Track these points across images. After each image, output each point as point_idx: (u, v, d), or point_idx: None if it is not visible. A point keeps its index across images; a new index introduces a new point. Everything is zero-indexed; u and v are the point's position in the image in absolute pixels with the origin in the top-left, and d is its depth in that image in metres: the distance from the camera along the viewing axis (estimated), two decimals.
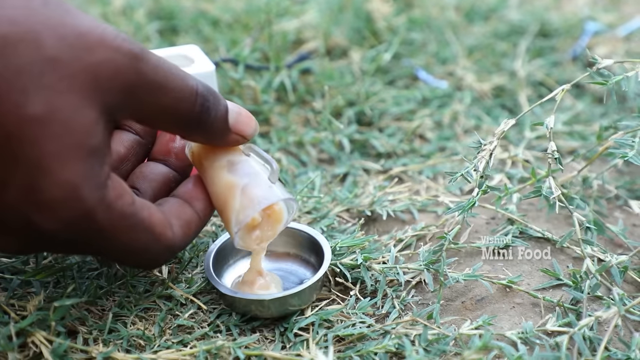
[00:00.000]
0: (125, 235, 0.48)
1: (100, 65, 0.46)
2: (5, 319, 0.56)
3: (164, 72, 0.49)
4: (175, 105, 0.49)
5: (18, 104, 0.44)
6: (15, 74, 0.44)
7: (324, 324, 0.58)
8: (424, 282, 0.62)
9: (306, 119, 0.85)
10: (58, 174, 0.45)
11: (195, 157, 0.56)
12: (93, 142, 0.46)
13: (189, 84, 0.50)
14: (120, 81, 0.47)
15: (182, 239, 0.52)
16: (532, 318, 0.58)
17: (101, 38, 0.46)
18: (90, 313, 0.58)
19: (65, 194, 0.45)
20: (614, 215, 0.70)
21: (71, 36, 0.45)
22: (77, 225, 0.47)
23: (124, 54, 0.47)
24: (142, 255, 0.50)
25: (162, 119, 0.50)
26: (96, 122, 0.46)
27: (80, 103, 0.45)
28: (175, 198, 0.54)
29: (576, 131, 0.82)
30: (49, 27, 0.45)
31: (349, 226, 0.69)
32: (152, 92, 0.48)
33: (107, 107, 0.47)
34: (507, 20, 1.04)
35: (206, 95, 0.51)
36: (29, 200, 0.45)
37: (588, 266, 0.58)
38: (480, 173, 0.60)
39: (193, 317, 0.59)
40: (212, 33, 0.98)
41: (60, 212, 0.46)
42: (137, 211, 0.49)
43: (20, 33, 0.44)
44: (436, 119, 0.85)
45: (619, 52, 0.96)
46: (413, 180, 0.76)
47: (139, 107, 0.48)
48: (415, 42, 0.98)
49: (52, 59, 0.44)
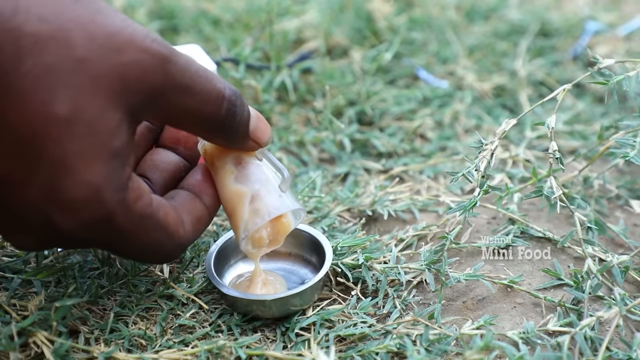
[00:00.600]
0: (141, 236, 0.49)
1: (128, 66, 0.45)
2: (7, 318, 0.56)
3: (192, 74, 0.48)
4: (201, 108, 0.49)
5: (45, 103, 0.44)
6: (44, 72, 0.43)
7: (326, 324, 0.58)
8: (425, 282, 0.62)
9: (307, 118, 0.85)
10: (80, 175, 0.45)
11: (207, 156, 0.56)
12: (116, 143, 0.46)
13: (216, 87, 0.50)
14: (147, 83, 0.46)
15: (192, 234, 0.52)
16: (534, 318, 0.58)
17: (131, 38, 0.46)
18: (91, 313, 0.58)
19: (86, 195, 0.45)
20: (615, 215, 0.70)
21: (101, 36, 0.45)
22: (96, 226, 0.47)
23: (152, 55, 0.46)
24: (155, 252, 0.51)
25: (187, 121, 0.50)
26: (120, 124, 0.46)
27: (105, 104, 0.45)
28: (185, 191, 0.54)
29: (577, 131, 0.82)
30: (79, 25, 0.45)
31: (350, 226, 0.69)
32: (178, 95, 0.48)
33: (132, 109, 0.46)
34: (508, 19, 1.04)
35: (233, 99, 0.51)
36: (51, 199, 0.45)
37: (589, 266, 0.58)
38: (482, 173, 0.60)
39: (194, 316, 0.59)
40: (213, 32, 0.98)
41: (81, 212, 0.46)
42: (154, 212, 0.49)
43: (51, 31, 0.44)
44: (437, 119, 0.85)
45: (619, 51, 0.96)
46: (414, 179, 0.76)
47: (165, 109, 0.48)
48: (415, 41, 0.98)
49: (81, 59, 0.44)
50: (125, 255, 0.52)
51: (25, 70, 0.43)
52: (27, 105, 0.43)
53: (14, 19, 0.43)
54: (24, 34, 0.43)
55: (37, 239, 0.48)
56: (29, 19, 0.43)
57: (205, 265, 0.60)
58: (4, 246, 0.64)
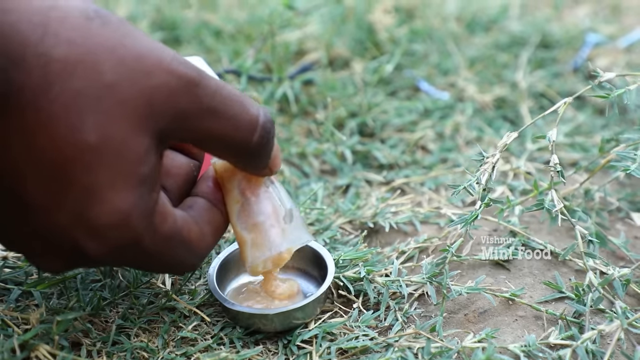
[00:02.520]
0: (167, 255, 0.49)
1: (156, 89, 0.45)
2: (9, 331, 0.56)
3: (222, 98, 0.47)
4: (232, 133, 0.48)
5: (74, 128, 0.43)
6: (72, 97, 0.43)
7: (327, 337, 0.58)
8: (426, 295, 0.62)
9: (309, 130, 0.86)
10: (109, 202, 0.45)
11: (217, 175, 0.55)
12: (144, 170, 0.45)
13: (249, 112, 0.48)
14: (174, 106, 0.45)
15: (213, 245, 0.52)
16: (535, 331, 0.58)
17: (159, 61, 0.45)
18: (93, 325, 0.58)
19: (115, 222, 0.45)
20: (616, 227, 0.71)
21: (130, 59, 0.44)
22: (124, 250, 0.47)
23: (179, 77, 0.45)
24: (177, 266, 0.51)
25: (216, 145, 0.49)
26: (148, 150, 0.45)
27: (134, 130, 0.45)
28: (202, 200, 0.53)
29: (577, 143, 0.83)
30: (108, 49, 0.44)
31: (352, 238, 0.69)
32: (206, 119, 0.47)
33: (160, 132, 0.46)
34: (508, 31, 1.04)
35: (268, 127, 0.50)
36: (79, 225, 0.45)
37: (590, 279, 0.59)
38: (483, 186, 0.60)
39: (196, 329, 0.59)
40: (214, 44, 0.98)
41: (109, 239, 0.46)
42: (179, 231, 0.49)
43: (79, 55, 0.43)
44: (438, 130, 0.85)
45: (619, 63, 0.96)
46: (415, 191, 0.76)
47: (193, 133, 0.47)
48: (416, 53, 0.99)
49: (109, 84, 0.44)
50: (149, 270, 0.53)
51: (54, 95, 0.43)
52: (56, 131, 0.43)
53: (43, 44, 0.43)
54: (53, 59, 0.43)
55: (65, 261, 0.48)
56: (58, 44, 0.43)
57: (208, 279, 0.60)
58: (6, 257, 0.64)
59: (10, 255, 0.64)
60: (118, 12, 1.03)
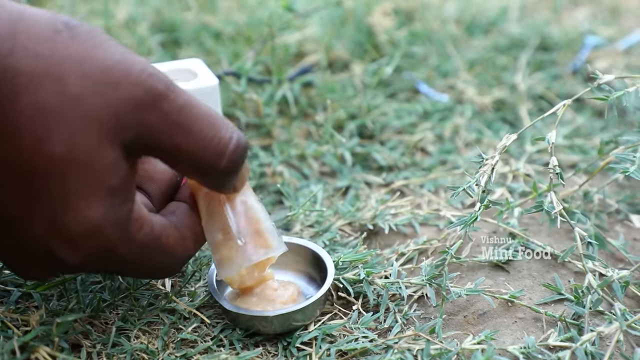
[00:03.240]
0: (145, 261, 0.49)
1: (122, 101, 0.45)
2: (9, 333, 0.56)
3: (190, 115, 0.46)
4: (199, 154, 0.47)
5: (42, 140, 0.44)
6: (39, 110, 0.43)
7: (327, 339, 0.58)
8: (426, 297, 0.62)
9: (308, 132, 0.86)
10: (80, 212, 0.45)
11: (190, 184, 0.55)
12: (113, 182, 0.46)
13: (218, 134, 0.47)
14: (140, 118, 0.45)
15: (194, 249, 0.53)
16: (534, 333, 0.58)
17: (126, 73, 0.45)
18: (93, 327, 0.58)
19: (87, 231, 0.46)
20: (615, 229, 0.71)
21: (96, 72, 0.44)
22: (100, 257, 0.47)
23: (146, 90, 0.45)
24: (159, 271, 0.52)
25: (182, 162, 0.48)
26: (116, 162, 0.46)
27: (100, 142, 0.45)
28: (184, 205, 0.53)
29: (576, 145, 0.83)
30: (74, 61, 0.44)
31: (351, 240, 0.69)
32: (171, 134, 0.46)
33: (127, 145, 0.46)
34: (508, 33, 1.04)
35: (240, 152, 0.48)
36: (54, 234, 0.46)
37: (590, 281, 0.59)
38: (482, 188, 0.60)
39: (196, 330, 0.59)
40: (214, 46, 0.98)
41: (83, 247, 0.46)
42: (156, 238, 0.49)
43: (45, 68, 0.44)
44: (437, 133, 0.85)
45: (618, 65, 0.96)
46: (415, 193, 0.76)
47: (158, 147, 0.47)
48: (416, 55, 0.99)
49: (74, 97, 0.44)
50: (132, 276, 0.53)
51: (21, 107, 0.43)
52: (24, 142, 0.44)
53: (11, 57, 0.43)
54: (20, 72, 0.43)
55: (44, 270, 0.49)
56: (25, 56, 0.43)
57: (208, 281, 0.60)
58: None
59: None
60: (118, 14, 1.03)
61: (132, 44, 0.97)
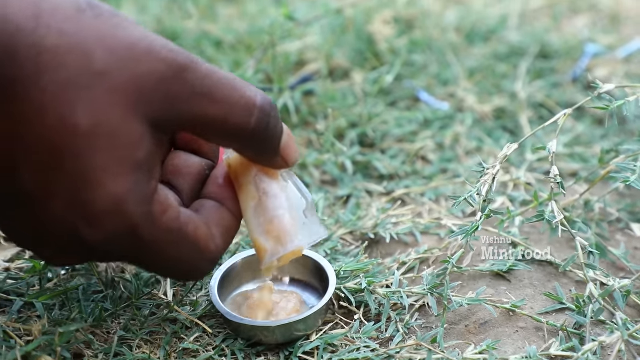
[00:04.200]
0: (169, 250, 0.48)
1: (145, 76, 0.45)
2: (11, 343, 0.56)
3: (213, 81, 0.47)
4: (226, 117, 0.48)
5: (64, 117, 0.44)
6: (62, 86, 0.44)
7: (329, 348, 0.58)
8: (427, 306, 0.62)
9: (309, 140, 0.86)
10: (104, 188, 0.45)
11: (232, 171, 0.54)
12: (139, 155, 0.46)
13: (244, 96, 0.48)
14: (164, 91, 0.46)
15: (223, 247, 0.52)
16: (536, 342, 0.58)
17: (148, 49, 0.46)
18: (95, 336, 0.58)
19: (110, 208, 0.45)
20: (616, 238, 0.71)
21: (121, 49, 0.45)
22: (121, 238, 0.46)
23: (168, 63, 0.46)
24: (186, 268, 0.50)
25: (213, 131, 0.49)
26: (143, 135, 0.46)
27: (125, 116, 0.45)
28: (210, 201, 0.53)
29: (577, 153, 0.83)
30: (99, 39, 0.45)
31: (353, 249, 0.69)
32: (197, 102, 0.47)
33: (153, 119, 0.46)
34: (507, 41, 1.05)
35: (267, 109, 0.49)
36: (76, 212, 0.45)
37: (591, 290, 0.59)
38: (484, 197, 0.60)
39: (198, 340, 0.59)
40: (215, 54, 0.98)
41: (105, 225, 0.46)
42: (182, 226, 0.49)
43: (70, 45, 0.44)
44: (438, 141, 0.86)
45: (618, 73, 0.97)
46: (416, 202, 0.76)
47: (187, 119, 0.47)
48: (416, 63, 0.99)
49: (100, 73, 0.44)
50: (156, 270, 0.51)
51: (44, 84, 0.44)
52: (48, 120, 0.44)
53: (35, 35, 0.44)
54: (44, 49, 0.44)
55: (64, 252, 0.48)
56: (49, 34, 0.44)
57: (210, 290, 0.60)
58: (9, 269, 0.64)
59: (12, 266, 0.64)
60: None
61: None
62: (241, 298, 0.61)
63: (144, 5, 1.11)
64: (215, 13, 1.09)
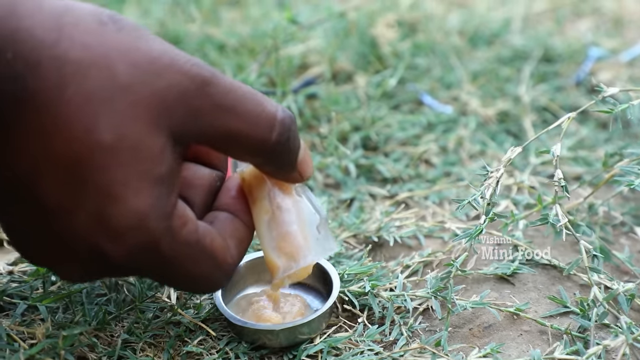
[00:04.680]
0: (188, 263, 0.48)
1: (168, 89, 0.45)
2: (15, 346, 0.56)
3: (236, 95, 0.47)
4: (249, 131, 0.48)
5: (88, 130, 0.44)
6: (86, 99, 0.44)
7: (333, 352, 0.58)
8: (431, 309, 0.62)
9: (313, 143, 0.86)
10: (126, 202, 0.45)
11: (245, 185, 0.54)
12: (161, 170, 0.46)
13: (265, 109, 0.48)
14: (186, 105, 0.46)
15: (238, 259, 0.52)
16: (540, 346, 0.58)
17: (171, 62, 0.46)
18: (99, 339, 0.58)
19: (132, 223, 0.45)
20: (620, 242, 0.71)
21: (143, 62, 0.45)
22: (143, 253, 0.46)
23: (191, 77, 0.46)
24: (203, 281, 0.50)
25: (234, 145, 0.49)
26: (164, 149, 0.46)
27: (148, 130, 0.45)
28: (223, 213, 0.52)
29: (581, 157, 0.83)
30: (122, 52, 0.45)
31: (356, 252, 0.69)
32: (220, 116, 0.47)
33: (174, 133, 0.46)
34: (511, 45, 1.05)
35: (288, 124, 0.49)
36: (98, 226, 0.45)
37: (595, 294, 0.59)
38: (487, 200, 0.60)
39: (202, 343, 0.59)
40: (218, 58, 0.98)
41: (127, 240, 0.45)
42: (200, 239, 0.48)
43: (93, 58, 0.44)
44: (441, 144, 0.86)
45: (622, 77, 0.97)
46: (419, 205, 0.76)
47: (208, 132, 0.47)
48: (419, 67, 0.99)
49: (123, 86, 0.44)
50: (173, 284, 0.51)
51: (69, 97, 0.43)
52: (71, 133, 0.44)
53: (58, 47, 0.44)
54: (67, 62, 0.44)
55: (84, 268, 0.48)
56: (72, 47, 0.44)
57: (213, 294, 0.60)
58: (12, 272, 0.64)
59: (16, 269, 0.64)
60: None
61: None
62: (245, 301, 0.61)
63: (147, 9, 1.11)
64: (218, 16, 1.09)
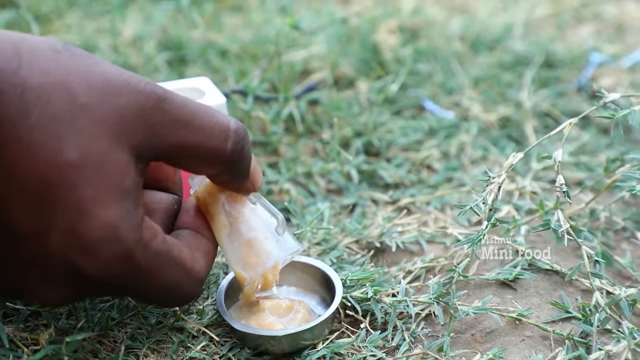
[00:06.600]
0: (160, 274, 0.50)
1: (126, 107, 0.48)
2: (18, 352, 0.56)
3: (189, 110, 0.50)
4: (204, 141, 0.50)
5: (55, 151, 0.45)
6: (50, 121, 0.45)
7: (335, 357, 0.58)
8: (433, 315, 0.62)
9: (315, 149, 0.86)
10: (97, 216, 0.46)
11: (201, 203, 0.56)
12: (127, 183, 0.47)
13: (219, 121, 0.51)
14: (144, 121, 0.48)
15: (206, 270, 0.53)
16: (542, 351, 0.58)
17: (126, 82, 0.48)
18: (102, 345, 0.58)
19: (105, 235, 0.46)
20: (622, 247, 0.71)
21: (99, 83, 0.47)
22: (117, 265, 0.48)
23: (147, 95, 0.48)
24: (176, 292, 0.51)
25: (191, 156, 0.51)
26: (128, 164, 0.47)
27: (111, 146, 0.47)
28: (186, 230, 0.55)
29: (582, 162, 0.83)
30: (79, 75, 0.47)
31: (359, 258, 0.69)
32: (177, 130, 0.49)
33: (135, 148, 0.48)
34: (512, 50, 1.05)
35: (242, 134, 0.52)
36: (72, 244, 0.46)
37: (597, 299, 0.59)
38: (489, 206, 0.61)
39: (205, 349, 0.59)
40: (220, 64, 0.99)
41: (102, 253, 0.47)
42: (169, 249, 0.50)
43: (54, 83, 0.46)
44: (443, 150, 0.86)
45: (623, 82, 0.97)
46: (421, 211, 0.77)
47: (166, 146, 0.49)
48: (421, 72, 0.99)
49: (83, 105, 0.46)
50: (150, 296, 0.52)
51: (33, 121, 0.45)
52: (38, 156, 0.45)
53: (19, 74, 0.45)
54: (29, 87, 0.45)
55: (60, 289, 0.49)
56: (32, 74, 0.46)
57: (216, 299, 0.60)
58: None
59: None
60: (125, 32, 1.04)
61: (138, 62, 0.97)
62: (247, 307, 0.61)
63: (149, 15, 1.11)
64: (221, 22, 1.10)
